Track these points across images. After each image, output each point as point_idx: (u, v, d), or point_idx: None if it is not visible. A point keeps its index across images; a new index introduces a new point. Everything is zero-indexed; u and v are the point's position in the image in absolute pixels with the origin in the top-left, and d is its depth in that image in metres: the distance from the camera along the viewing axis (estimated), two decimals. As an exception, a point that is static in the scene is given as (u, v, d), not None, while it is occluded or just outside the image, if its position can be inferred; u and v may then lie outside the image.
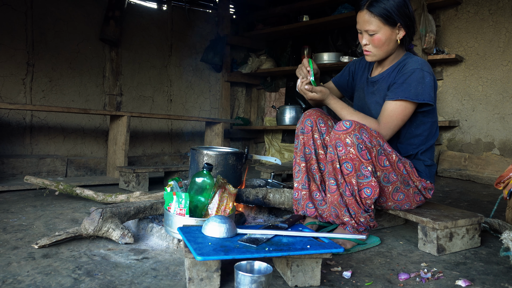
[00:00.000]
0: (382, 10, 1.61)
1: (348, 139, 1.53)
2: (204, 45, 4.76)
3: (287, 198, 2.02)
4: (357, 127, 1.55)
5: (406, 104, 1.62)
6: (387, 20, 1.63)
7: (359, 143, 1.54)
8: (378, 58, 1.74)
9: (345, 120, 1.57)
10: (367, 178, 1.56)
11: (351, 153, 1.54)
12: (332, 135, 1.58)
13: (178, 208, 1.56)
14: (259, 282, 1.08)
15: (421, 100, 1.61)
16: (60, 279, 1.29)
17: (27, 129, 3.55)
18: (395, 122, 1.64)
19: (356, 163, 1.54)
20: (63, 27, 3.75)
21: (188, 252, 1.21)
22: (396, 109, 1.63)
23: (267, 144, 5.16)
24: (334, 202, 1.62)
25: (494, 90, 3.65)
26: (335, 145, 1.56)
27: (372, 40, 1.68)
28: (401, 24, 1.65)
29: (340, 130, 1.55)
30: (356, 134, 1.54)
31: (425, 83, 1.61)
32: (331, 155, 1.59)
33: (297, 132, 1.80)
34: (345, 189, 1.58)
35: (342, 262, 1.51)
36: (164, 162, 4.29)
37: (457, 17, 3.86)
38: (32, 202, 2.47)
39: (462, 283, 1.32)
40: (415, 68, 1.63)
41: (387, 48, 1.69)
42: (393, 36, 1.67)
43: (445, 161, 3.84)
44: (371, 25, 1.64)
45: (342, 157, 1.55)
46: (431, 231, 1.63)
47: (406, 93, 1.61)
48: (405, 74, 1.64)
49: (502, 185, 1.98)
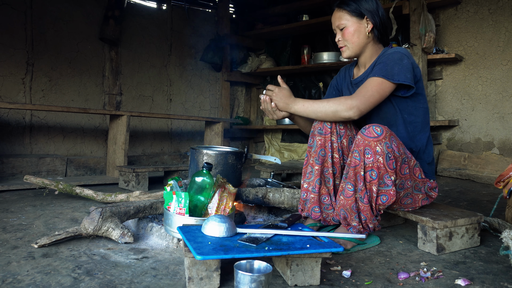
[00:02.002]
0: (350, 5, 1.75)
1: (378, 147, 1.50)
2: (203, 45, 4.76)
3: (286, 198, 2.02)
4: (388, 134, 1.53)
5: (382, 80, 1.63)
6: (354, 12, 1.74)
7: (388, 152, 1.51)
8: (352, 52, 1.79)
9: (375, 125, 1.53)
10: (388, 187, 1.55)
11: (379, 161, 1.51)
12: (360, 140, 1.54)
13: (177, 207, 1.56)
14: (258, 281, 1.08)
15: (396, 80, 1.62)
16: (59, 278, 1.29)
17: (26, 128, 3.55)
18: (371, 94, 1.62)
19: (381, 172, 1.52)
20: (63, 26, 3.75)
21: (187, 251, 1.21)
22: (371, 82, 1.64)
23: (266, 143, 5.17)
24: (346, 206, 1.59)
25: (494, 90, 3.65)
26: (363, 151, 1.52)
27: (343, 34, 1.77)
28: (368, 17, 1.74)
29: (371, 137, 1.51)
30: (386, 142, 1.51)
31: (402, 64, 1.64)
32: (356, 160, 1.54)
33: (313, 131, 1.74)
34: (364, 196, 1.55)
35: (342, 262, 1.51)
36: (163, 161, 4.29)
37: (456, 16, 3.86)
38: (32, 202, 2.47)
39: (462, 282, 1.32)
40: (393, 51, 1.70)
41: (357, 40, 1.76)
42: (362, 28, 1.75)
43: (444, 160, 3.84)
44: (341, 19, 1.76)
45: (368, 165, 1.52)
46: (430, 230, 1.63)
47: (383, 72, 1.63)
48: (383, 57, 1.70)
49: (502, 184, 1.98)
